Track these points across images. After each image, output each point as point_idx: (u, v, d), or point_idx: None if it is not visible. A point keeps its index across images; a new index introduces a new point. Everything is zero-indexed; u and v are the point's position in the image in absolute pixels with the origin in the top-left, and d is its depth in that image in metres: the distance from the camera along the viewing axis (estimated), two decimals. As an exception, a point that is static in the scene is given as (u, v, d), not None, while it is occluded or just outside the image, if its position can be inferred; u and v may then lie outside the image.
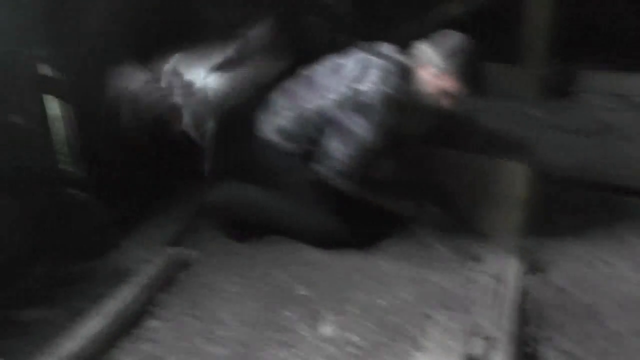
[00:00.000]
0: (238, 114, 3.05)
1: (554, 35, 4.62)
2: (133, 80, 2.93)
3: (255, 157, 2.98)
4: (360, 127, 2.61)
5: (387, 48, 2.74)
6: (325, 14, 4.65)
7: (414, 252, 2.89)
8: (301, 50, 4.53)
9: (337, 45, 2.93)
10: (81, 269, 2.78)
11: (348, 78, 2.64)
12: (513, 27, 4.83)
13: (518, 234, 2.90)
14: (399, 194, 2.93)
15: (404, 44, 2.75)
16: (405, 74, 2.64)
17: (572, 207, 3.24)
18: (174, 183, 3.43)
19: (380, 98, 2.58)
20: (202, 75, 3.00)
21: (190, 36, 3.19)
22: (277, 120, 2.83)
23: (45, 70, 2.74)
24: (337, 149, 2.69)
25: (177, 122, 2.98)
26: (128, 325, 2.43)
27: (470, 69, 2.59)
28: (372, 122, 2.61)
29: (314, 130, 2.75)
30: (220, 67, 3.05)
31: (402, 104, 2.65)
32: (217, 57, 3.09)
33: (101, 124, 3.00)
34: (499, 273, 2.62)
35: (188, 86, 2.96)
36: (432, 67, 2.59)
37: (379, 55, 2.65)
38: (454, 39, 2.59)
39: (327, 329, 2.40)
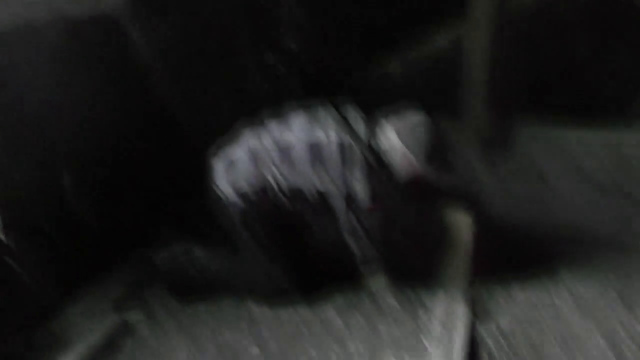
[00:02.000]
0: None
1: (492, 91, 4.82)
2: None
3: (209, 207, 2.93)
4: (361, 223, 2.70)
5: (356, 120, 2.73)
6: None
7: (363, 302, 2.89)
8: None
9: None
10: (19, 340, 2.65)
11: (334, 177, 2.62)
12: (452, 83, 5.04)
13: (466, 281, 2.94)
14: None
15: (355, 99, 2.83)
16: (383, 165, 2.69)
17: (515, 254, 3.31)
18: (117, 248, 3.36)
19: (369, 200, 2.63)
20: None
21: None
22: (237, 180, 2.73)
23: None
24: (357, 248, 2.79)
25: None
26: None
27: (442, 157, 2.68)
28: (367, 216, 2.68)
29: (281, 197, 2.71)
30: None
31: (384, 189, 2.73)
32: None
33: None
34: (449, 321, 2.63)
35: None
36: (408, 164, 2.64)
37: (356, 140, 2.68)
38: (423, 134, 2.61)
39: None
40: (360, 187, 2.60)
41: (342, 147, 2.61)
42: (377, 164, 2.63)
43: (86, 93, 3.30)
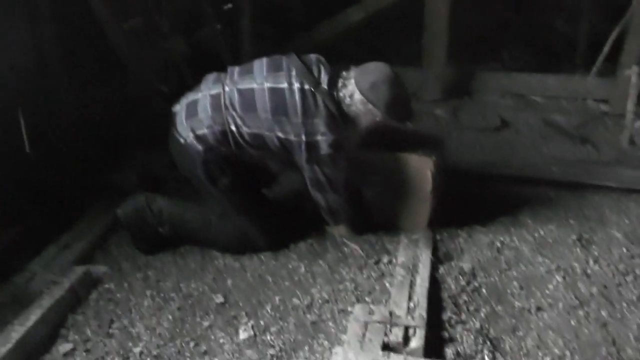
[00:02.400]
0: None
1: (451, 39, 4.82)
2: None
3: (175, 158, 2.91)
4: (328, 172, 2.70)
5: (320, 70, 2.67)
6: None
7: (327, 251, 2.91)
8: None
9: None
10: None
11: (296, 125, 2.59)
12: (413, 31, 5.02)
13: (428, 225, 2.98)
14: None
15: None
16: (345, 116, 2.66)
17: (477, 198, 3.36)
18: (79, 200, 3.32)
19: (334, 147, 2.61)
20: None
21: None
22: (197, 124, 2.70)
23: None
24: (322, 199, 2.81)
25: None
26: (36, 351, 2.31)
27: (404, 107, 2.67)
28: (335, 166, 2.68)
29: (242, 144, 2.69)
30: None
31: (347, 139, 2.72)
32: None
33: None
34: (412, 265, 2.67)
35: None
36: (371, 115, 2.63)
37: (317, 87, 2.61)
38: (385, 85, 2.58)
39: (246, 334, 2.37)
40: (321, 134, 2.59)
41: (303, 93, 2.57)
42: (338, 111, 2.61)
43: (35, 39, 3.21)
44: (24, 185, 3.09)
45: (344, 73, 2.65)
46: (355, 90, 2.58)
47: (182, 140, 2.73)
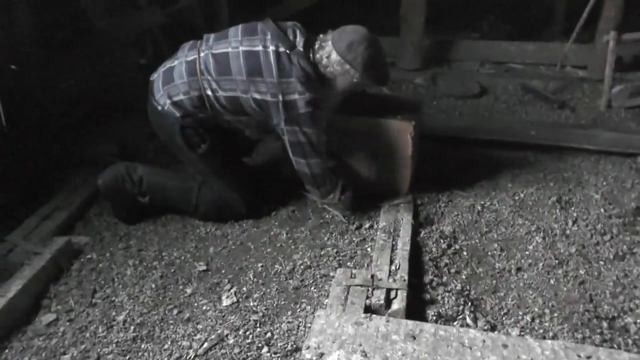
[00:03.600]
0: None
1: (430, 8, 4.81)
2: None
3: (153, 126, 2.89)
4: (310, 133, 2.63)
5: (295, 34, 2.64)
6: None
7: (308, 218, 2.92)
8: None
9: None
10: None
11: (271, 85, 2.55)
12: (392, 1, 5.00)
13: (409, 190, 2.99)
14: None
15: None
16: (321, 77, 2.63)
17: (457, 163, 3.38)
18: (57, 170, 3.28)
19: (311, 105, 2.57)
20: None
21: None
22: (173, 90, 2.68)
23: None
24: (303, 165, 2.72)
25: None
26: (18, 322, 2.30)
27: (381, 67, 2.65)
28: (314, 124, 2.62)
29: (220, 109, 2.67)
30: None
31: (324, 100, 2.68)
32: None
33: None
34: (393, 229, 2.68)
35: None
36: (348, 76, 2.60)
37: (292, 50, 2.58)
38: (361, 45, 2.55)
39: (229, 301, 2.37)
40: (298, 93, 2.56)
41: (278, 55, 2.55)
42: (314, 73, 2.59)
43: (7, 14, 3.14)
44: (1, 159, 3.05)
45: (321, 36, 2.63)
46: (332, 50, 2.56)
47: (159, 108, 2.71)
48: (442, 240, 2.66)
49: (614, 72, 4.09)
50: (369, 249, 2.64)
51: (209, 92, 2.63)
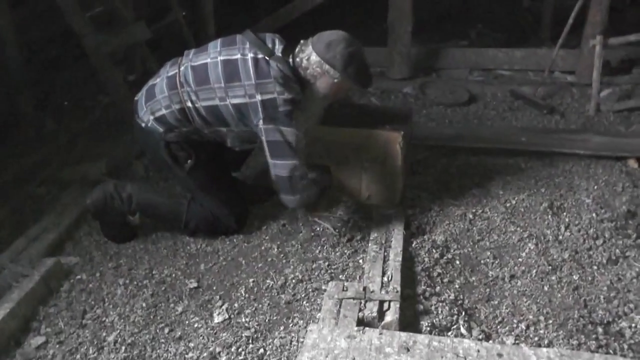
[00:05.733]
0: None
1: (417, 17, 4.82)
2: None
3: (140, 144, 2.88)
4: (287, 133, 2.56)
5: (274, 42, 2.65)
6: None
7: (299, 231, 2.90)
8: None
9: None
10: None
11: (249, 87, 2.53)
12: (378, 11, 5.01)
13: (400, 200, 2.98)
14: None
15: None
16: (300, 80, 2.61)
17: (448, 172, 3.37)
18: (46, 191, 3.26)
19: (289, 105, 2.53)
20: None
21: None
22: (155, 106, 2.68)
23: None
24: (278, 167, 2.62)
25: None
26: (7, 346, 2.27)
27: (362, 68, 2.61)
28: (291, 124, 2.56)
29: (200, 122, 2.66)
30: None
31: (305, 106, 2.65)
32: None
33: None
34: (385, 240, 2.67)
35: None
36: (328, 77, 2.57)
37: (271, 56, 2.56)
38: (340, 45, 2.54)
39: (220, 318, 2.35)
40: (277, 93, 2.52)
41: (256, 61, 2.54)
42: (294, 76, 2.58)
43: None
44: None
45: (302, 41, 2.62)
46: (312, 52, 2.55)
47: (142, 125, 2.71)
48: (434, 250, 2.65)
49: (601, 76, 4.10)
50: (360, 261, 2.62)
51: (189, 105, 2.62)
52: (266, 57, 2.53)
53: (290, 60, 2.58)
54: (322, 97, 2.70)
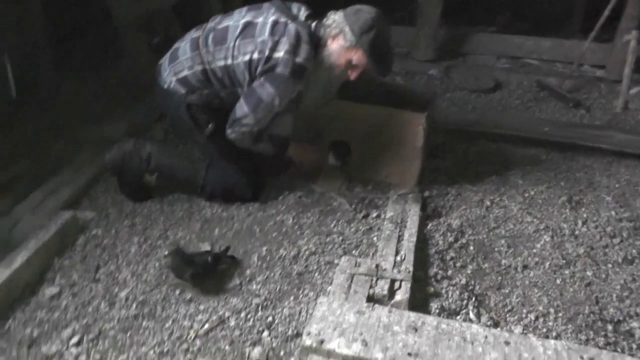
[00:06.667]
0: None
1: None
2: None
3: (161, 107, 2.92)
4: (267, 93, 2.57)
5: (300, 10, 2.69)
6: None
7: (315, 205, 2.89)
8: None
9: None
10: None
11: (260, 43, 2.56)
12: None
13: (418, 182, 2.97)
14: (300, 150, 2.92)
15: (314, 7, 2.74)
16: (315, 42, 2.60)
17: (468, 157, 3.35)
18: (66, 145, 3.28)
19: (290, 69, 2.53)
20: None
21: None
22: (178, 67, 2.73)
23: None
24: (240, 108, 2.63)
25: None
26: (22, 293, 2.30)
27: (380, 46, 2.58)
28: (278, 89, 2.56)
29: (217, 84, 2.69)
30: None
31: (310, 72, 2.62)
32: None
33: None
34: (400, 220, 2.66)
35: None
36: (342, 40, 2.57)
37: (293, 20, 2.58)
38: (367, 14, 2.54)
39: (231, 283, 2.36)
40: (285, 52, 2.52)
41: (276, 23, 2.56)
42: (309, 36, 2.57)
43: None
44: (10, 131, 3.05)
45: (333, 11, 2.63)
46: (341, 14, 2.57)
47: (165, 86, 2.75)
48: (449, 234, 2.64)
49: (633, 73, 4.03)
50: (375, 239, 2.62)
51: (207, 66, 2.66)
52: (288, 21, 2.54)
53: (313, 25, 2.59)
54: (329, 67, 2.66)
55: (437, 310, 2.20)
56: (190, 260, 2.33)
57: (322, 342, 1.86)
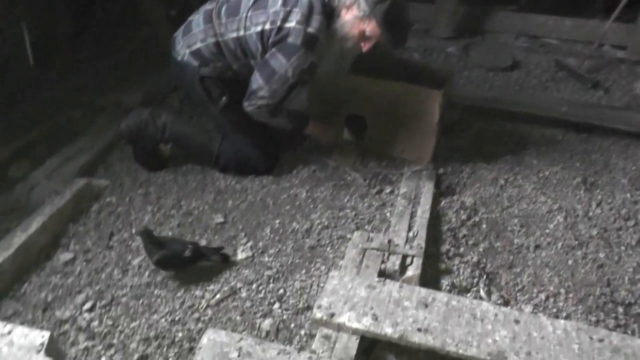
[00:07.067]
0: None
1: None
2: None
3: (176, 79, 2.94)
4: (280, 64, 2.55)
5: None
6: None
7: (329, 179, 2.89)
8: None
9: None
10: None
11: (272, 13, 2.54)
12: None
13: (432, 158, 2.96)
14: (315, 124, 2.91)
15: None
16: (329, 13, 2.58)
17: (483, 135, 3.33)
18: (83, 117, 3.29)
19: (302, 39, 2.51)
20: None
21: None
22: (191, 40, 2.72)
23: None
24: (255, 80, 2.61)
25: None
26: (37, 257, 2.34)
27: (394, 18, 2.54)
28: (290, 59, 2.54)
29: (230, 56, 2.69)
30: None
31: (322, 44, 2.61)
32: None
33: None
34: (414, 196, 2.66)
35: None
36: (356, 10, 2.54)
37: None
38: None
39: (244, 255, 2.38)
40: (296, 22, 2.50)
41: None
42: (322, 7, 2.55)
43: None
44: (29, 98, 3.07)
45: None
46: None
47: (179, 58, 2.75)
48: (462, 211, 2.64)
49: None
50: (387, 214, 2.62)
51: (220, 39, 2.66)
52: None
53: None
54: (343, 38, 2.63)
55: (448, 287, 2.21)
56: (159, 244, 2.24)
57: (332, 315, 1.87)
